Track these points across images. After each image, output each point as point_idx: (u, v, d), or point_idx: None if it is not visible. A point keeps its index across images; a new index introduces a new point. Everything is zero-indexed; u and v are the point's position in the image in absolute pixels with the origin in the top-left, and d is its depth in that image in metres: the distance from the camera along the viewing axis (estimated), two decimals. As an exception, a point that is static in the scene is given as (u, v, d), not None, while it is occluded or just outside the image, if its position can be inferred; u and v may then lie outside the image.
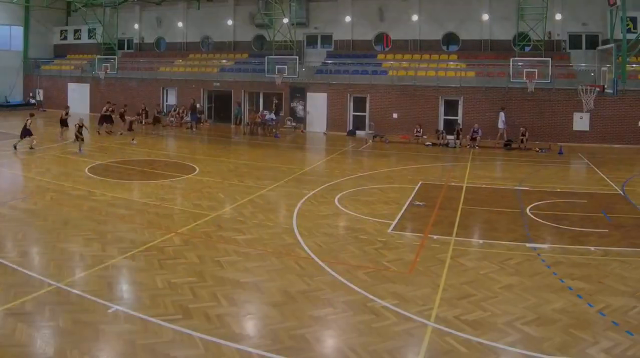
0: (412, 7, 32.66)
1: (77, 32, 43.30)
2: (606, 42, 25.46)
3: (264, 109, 32.29)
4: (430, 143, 26.59)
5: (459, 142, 26.09)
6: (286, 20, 33.02)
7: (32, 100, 41.70)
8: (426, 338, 6.91)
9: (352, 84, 30.77)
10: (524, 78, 26.29)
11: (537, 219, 12.77)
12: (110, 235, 10.88)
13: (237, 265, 9.42)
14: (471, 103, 28.32)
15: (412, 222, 12.72)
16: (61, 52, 44.04)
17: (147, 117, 31.02)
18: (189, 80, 35.32)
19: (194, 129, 30.89)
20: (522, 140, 25.23)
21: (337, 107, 31.22)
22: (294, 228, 11.80)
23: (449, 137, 26.57)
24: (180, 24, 39.72)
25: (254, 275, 8.96)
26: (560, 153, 23.75)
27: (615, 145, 25.65)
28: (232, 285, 8.54)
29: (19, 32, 41.96)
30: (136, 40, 42.06)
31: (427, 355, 6.51)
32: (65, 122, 24.78)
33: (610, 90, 22.00)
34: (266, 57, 32.05)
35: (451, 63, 30.73)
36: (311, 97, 31.78)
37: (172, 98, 36.64)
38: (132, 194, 14.79)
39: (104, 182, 16.10)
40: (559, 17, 29.53)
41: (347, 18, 34.30)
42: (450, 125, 28.04)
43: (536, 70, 26.18)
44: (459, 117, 28.53)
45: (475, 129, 25.75)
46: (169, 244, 10.47)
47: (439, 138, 26.61)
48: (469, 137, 25.86)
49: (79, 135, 21.52)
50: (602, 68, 23.33)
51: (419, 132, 27.26)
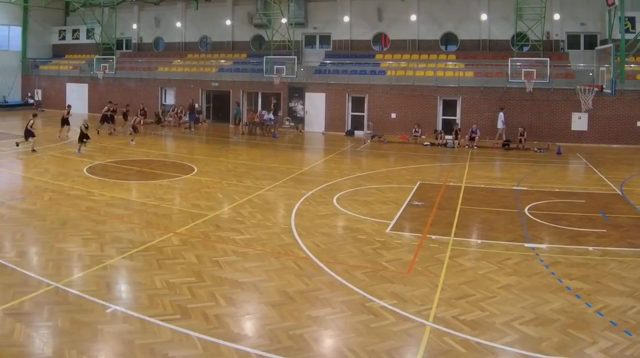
0: (411, 7, 32.69)
1: (75, 32, 43.31)
2: (604, 42, 25.52)
3: (262, 109, 32.28)
4: (428, 143, 26.60)
5: (457, 142, 26.12)
6: (284, 20, 33.04)
7: (31, 100, 41.68)
8: (424, 338, 6.92)
9: (350, 84, 30.77)
10: (523, 78, 26.32)
11: (536, 219, 12.78)
12: (108, 235, 10.88)
13: (235, 265, 9.42)
14: (469, 103, 28.34)
15: (411, 222, 12.72)
16: (60, 52, 44.05)
17: (146, 117, 31.01)
18: (188, 80, 35.32)
19: (193, 129, 30.89)
20: (520, 140, 25.25)
21: (336, 107, 31.21)
22: (292, 228, 11.80)
23: (447, 137, 26.58)
24: (178, 24, 39.72)
25: (253, 275, 8.97)
26: (558, 153, 23.78)
27: (613, 145, 25.68)
28: (231, 285, 8.54)
29: (17, 32, 41.96)
30: (134, 40, 42.07)
31: (426, 355, 6.51)
32: (67, 121, 24.77)
33: (608, 90, 22.04)
34: (264, 57, 32.13)
35: (449, 63, 30.75)
36: (310, 97, 31.78)
37: (170, 98, 36.62)
38: (131, 194, 14.79)
39: (103, 182, 16.09)
40: (557, 17, 29.59)
41: (346, 18, 34.31)
42: (448, 125, 28.06)
43: (534, 70, 26.20)
44: (458, 117, 28.53)
45: (473, 129, 25.76)
46: (167, 244, 10.47)
47: (437, 138, 26.61)
48: (467, 137, 25.87)
49: (83, 136, 21.33)
50: (601, 68, 23.36)
51: (417, 132, 27.29)
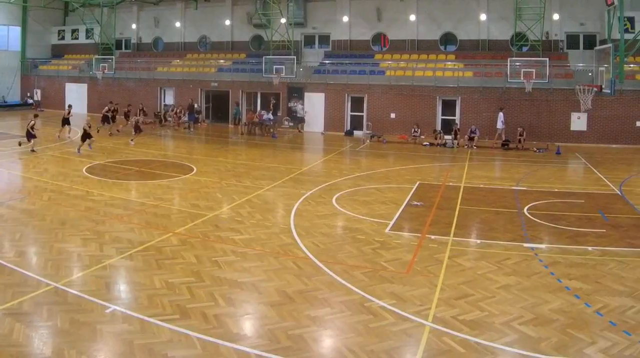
0: (410, 7, 32.69)
1: (74, 32, 43.25)
2: (604, 42, 25.54)
3: (261, 109, 32.27)
4: (427, 143, 26.61)
5: (456, 142, 26.12)
6: (284, 20, 33.04)
7: (30, 101, 41.66)
8: (424, 338, 6.92)
9: (349, 84, 30.76)
10: (522, 78, 26.33)
11: (535, 219, 12.79)
12: (107, 235, 10.88)
13: (234, 265, 9.42)
14: (469, 103, 28.34)
15: (410, 222, 12.73)
16: (59, 52, 44.01)
17: (146, 116, 31.04)
18: (187, 80, 35.30)
19: (192, 129, 30.87)
20: (519, 140, 25.25)
21: (335, 107, 31.21)
22: (291, 228, 11.80)
23: (446, 137, 26.59)
24: (177, 24, 39.69)
25: (252, 275, 8.97)
26: (557, 153, 23.78)
27: (612, 145, 25.70)
28: (230, 285, 8.54)
29: (16, 32, 41.93)
30: (134, 40, 42.04)
31: (425, 355, 6.51)
32: (67, 121, 24.75)
33: (607, 90, 22.04)
34: (264, 57, 32.13)
35: (449, 63, 30.75)
36: (309, 97, 31.75)
37: (169, 98, 36.60)
38: (130, 194, 14.78)
39: (102, 182, 16.09)
40: (556, 17, 29.59)
41: (345, 18, 34.30)
42: (447, 125, 28.07)
43: (534, 70, 26.20)
44: (457, 117, 28.53)
45: (472, 130, 25.77)
46: (166, 244, 10.47)
47: (436, 138, 26.61)
48: (466, 137, 25.87)
49: (87, 135, 21.22)
50: (600, 68, 23.35)
51: (416, 132, 27.29)
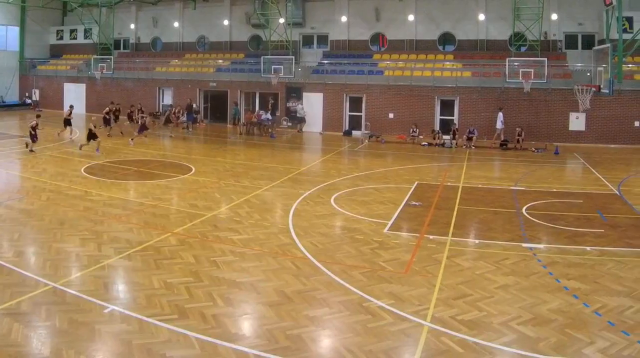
0: (409, 7, 32.70)
1: (73, 32, 43.19)
2: (602, 42, 25.56)
3: (260, 109, 32.26)
4: (426, 143, 26.62)
5: (455, 142, 26.13)
6: (282, 20, 33.02)
7: (28, 101, 41.58)
8: (422, 338, 6.92)
9: (348, 84, 30.76)
10: (520, 78, 26.36)
11: (533, 219, 12.80)
12: (106, 235, 10.87)
13: (233, 265, 9.42)
14: (467, 103, 28.34)
15: (408, 222, 12.74)
16: (57, 52, 43.93)
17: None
18: (185, 80, 35.28)
19: (190, 129, 30.85)
20: (518, 140, 25.28)
21: (333, 107, 31.20)
22: (290, 228, 11.81)
23: (445, 137, 26.61)
24: (176, 24, 39.66)
25: (250, 275, 8.96)
26: (556, 153, 23.81)
27: (611, 145, 25.73)
28: (228, 285, 8.54)
29: (15, 32, 41.87)
30: (132, 40, 41.99)
31: (423, 355, 6.52)
32: (69, 122, 24.71)
33: (606, 90, 22.07)
34: (262, 57, 32.12)
35: (447, 63, 30.75)
36: (307, 97, 31.74)
37: (168, 98, 36.57)
38: (128, 194, 14.78)
39: (100, 182, 16.08)
40: (554, 17, 29.61)
41: (343, 18, 34.30)
42: (446, 125, 28.09)
43: (532, 70, 26.23)
44: (455, 117, 28.54)
45: (471, 130, 25.79)
46: (165, 244, 10.47)
47: (435, 138, 26.64)
48: (465, 137, 25.89)
49: (92, 135, 21.07)
50: (598, 68, 23.39)
51: (415, 132, 27.30)
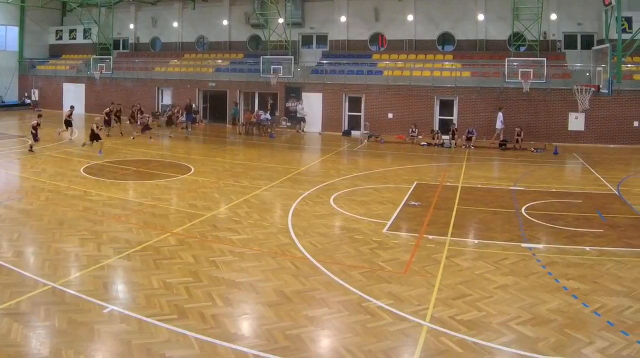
0: (408, 7, 32.70)
1: (72, 32, 43.16)
2: (601, 42, 25.56)
3: (259, 109, 32.25)
4: (425, 143, 26.62)
5: (454, 142, 26.12)
6: (281, 20, 33.00)
7: (28, 101, 41.55)
8: (421, 338, 6.92)
9: (347, 84, 30.75)
10: (519, 78, 26.37)
11: (533, 219, 12.81)
12: (105, 235, 10.86)
13: (232, 265, 9.42)
14: (466, 103, 28.35)
15: (408, 222, 12.74)
16: (56, 52, 43.90)
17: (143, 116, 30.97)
18: (184, 80, 35.26)
19: (189, 129, 30.84)
20: (517, 140, 25.28)
21: (333, 107, 31.20)
22: (289, 228, 11.81)
23: (444, 137, 26.61)
24: (175, 24, 39.64)
25: (249, 275, 8.96)
26: (555, 153, 23.82)
27: (610, 145, 25.74)
28: (228, 285, 8.54)
29: (14, 32, 41.84)
30: (131, 40, 41.96)
31: (423, 355, 6.52)
32: (69, 123, 24.69)
33: (605, 90, 22.08)
34: (261, 57, 32.11)
35: (446, 63, 30.76)
36: (306, 97, 31.72)
37: (167, 98, 36.56)
38: (128, 194, 14.78)
39: (100, 182, 16.07)
40: (554, 17, 29.62)
41: (343, 18, 34.29)
42: (445, 125, 28.09)
43: (531, 70, 26.24)
44: (454, 117, 28.55)
45: (470, 130, 25.80)
46: (164, 244, 10.47)
47: (434, 138, 26.64)
48: (464, 137, 25.89)
49: (95, 136, 20.94)
50: (597, 68, 23.40)
51: (414, 132, 27.29)
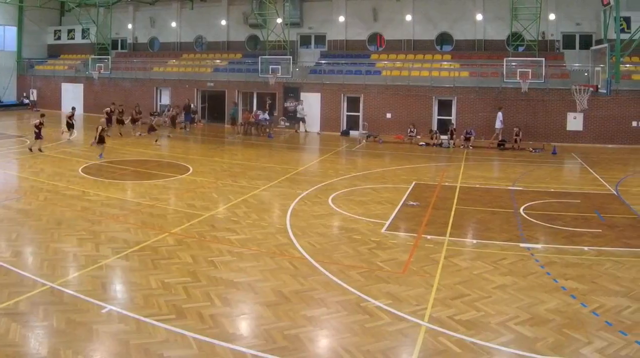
0: (406, 7, 32.70)
1: (70, 32, 43.14)
2: (600, 42, 25.56)
3: (257, 109, 32.24)
4: (424, 143, 26.62)
5: (452, 142, 26.13)
6: (280, 20, 32.99)
7: (26, 101, 41.51)
8: (420, 338, 6.93)
9: (345, 84, 30.75)
10: (518, 78, 26.39)
11: (531, 219, 12.82)
12: (103, 235, 10.85)
13: (230, 265, 9.42)
14: (465, 103, 28.35)
15: (406, 222, 12.74)
16: (55, 52, 43.88)
17: (141, 115, 30.87)
18: (183, 80, 35.23)
19: (188, 129, 30.82)
20: (515, 140, 25.31)
21: (331, 107, 31.19)
22: (287, 228, 11.80)
23: (442, 137, 26.62)
24: (173, 24, 39.62)
25: (248, 275, 8.96)
26: (553, 153, 23.84)
27: (608, 145, 25.77)
28: (226, 285, 8.53)
29: (12, 32, 41.79)
30: (130, 40, 41.93)
31: (421, 355, 6.52)
32: (71, 125, 24.65)
33: (603, 90, 22.08)
34: (260, 57, 32.12)
35: (445, 63, 30.77)
36: (305, 97, 31.70)
37: (165, 98, 36.53)
38: (126, 194, 14.76)
39: (98, 182, 16.06)
40: (552, 17, 29.64)
41: (341, 18, 34.30)
42: (443, 125, 28.11)
43: (530, 70, 26.26)
44: (453, 117, 28.56)
45: (468, 131, 25.81)
46: (162, 244, 10.46)
47: (432, 138, 26.65)
48: (462, 137, 25.91)
49: (100, 138, 20.68)
50: (596, 68, 23.38)
51: (412, 132, 27.29)
